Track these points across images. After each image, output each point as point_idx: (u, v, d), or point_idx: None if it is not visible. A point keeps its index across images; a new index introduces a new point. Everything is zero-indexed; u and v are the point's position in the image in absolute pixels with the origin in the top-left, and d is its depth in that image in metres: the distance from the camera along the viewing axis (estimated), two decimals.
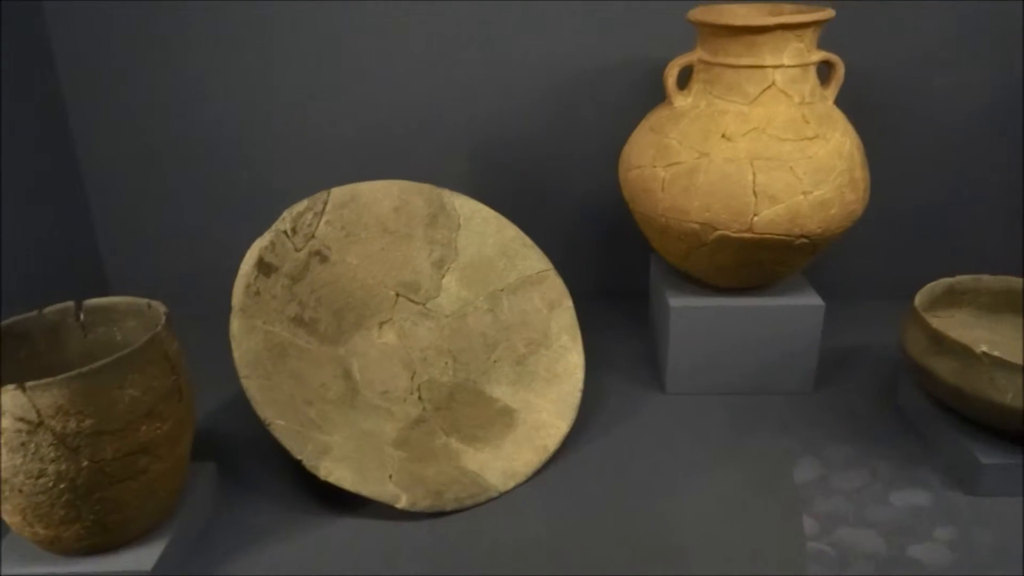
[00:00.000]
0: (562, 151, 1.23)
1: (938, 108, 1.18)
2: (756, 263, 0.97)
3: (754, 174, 0.90)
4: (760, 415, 1.02)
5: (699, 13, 0.95)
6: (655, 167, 0.97)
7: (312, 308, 0.98)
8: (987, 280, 1.01)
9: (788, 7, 1.00)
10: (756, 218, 0.91)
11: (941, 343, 0.86)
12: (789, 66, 0.92)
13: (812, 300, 1.02)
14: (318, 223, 1.00)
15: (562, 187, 1.26)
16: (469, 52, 1.18)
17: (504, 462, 0.93)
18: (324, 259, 1.00)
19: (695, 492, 0.89)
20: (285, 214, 0.97)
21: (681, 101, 0.98)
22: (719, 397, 1.05)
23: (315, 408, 0.91)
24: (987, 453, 0.86)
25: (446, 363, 1.05)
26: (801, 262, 0.99)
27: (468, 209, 1.07)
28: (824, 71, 0.98)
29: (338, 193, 1.01)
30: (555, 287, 1.05)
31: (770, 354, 1.04)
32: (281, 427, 0.84)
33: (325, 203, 1.00)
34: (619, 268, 1.29)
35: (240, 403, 0.91)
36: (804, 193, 0.90)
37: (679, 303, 1.03)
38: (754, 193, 0.90)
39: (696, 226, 0.94)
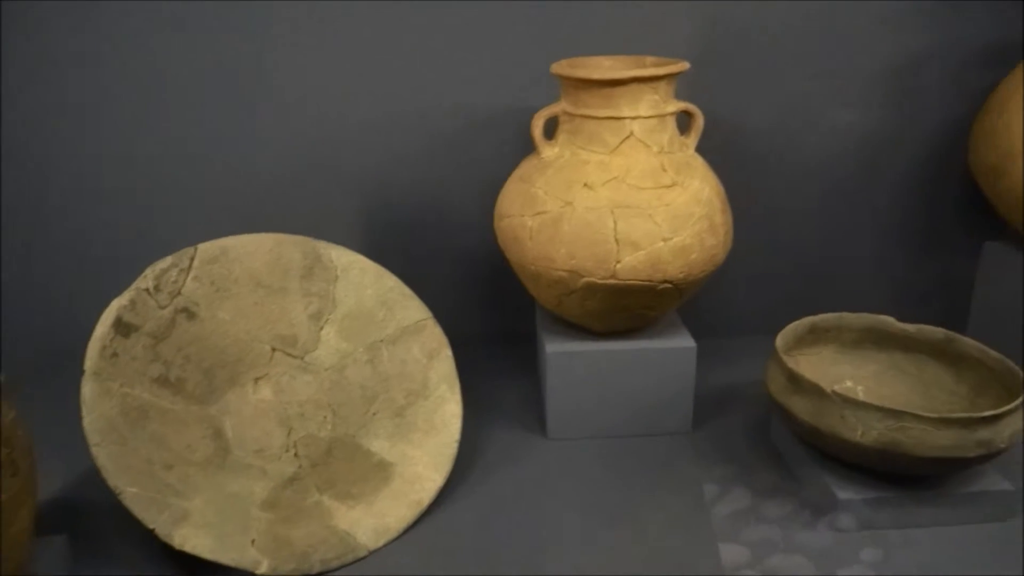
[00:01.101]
0: (448, 200, 1.24)
1: (809, 151, 1.23)
2: (624, 308, 0.98)
3: (615, 222, 0.92)
4: (640, 457, 1.03)
5: (560, 67, 0.97)
6: (523, 216, 0.98)
7: (179, 367, 0.96)
8: (849, 317, 1.04)
9: (651, 60, 1.03)
10: (619, 265, 0.93)
11: (797, 382, 0.89)
12: (646, 117, 0.94)
13: (685, 342, 1.04)
14: (184, 279, 0.97)
15: (451, 235, 1.27)
16: (349, 105, 1.18)
17: (376, 519, 0.91)
18: (192, 316, 0.98)
19: (575, 538, 0.89)
20: (147, 271, 0.95)
21: (548, 151, 1.00)
22: (600, 440, 1.06)
23: (176, 472, 0.88)
24: (844, 488, 0.88)
25: (325, 417, 1.03)
26: (670, 305, 1.01)
27: (345, 260, 1.06)
28: (685, 120, 1.02)
29: (206, 248, 0.99)
30: (434, 336, 1.05)
31: (648, 396, 1.05)
32: (133, 495, 0.81)
33: (192, 259, 0.98)
34: (512, 312, 1.29)
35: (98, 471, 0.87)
36: (664, 239, 0.92)
37: (555, 348, 1.04)
38: (616, 240, 0.92)
39: (564, 274, 0.95)
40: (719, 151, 1.16)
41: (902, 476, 0.88)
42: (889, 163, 1.25)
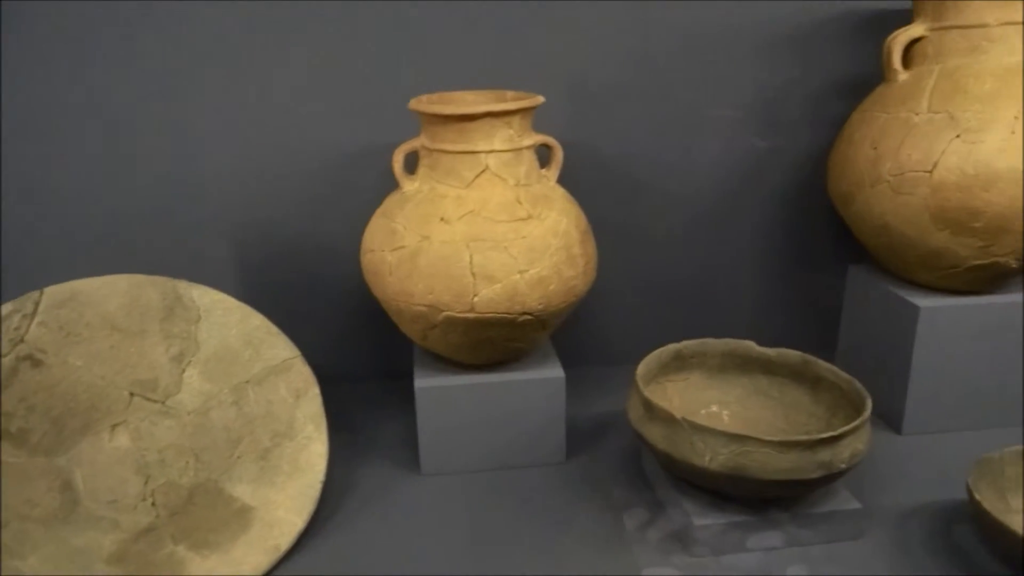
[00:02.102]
0: (324, 235, 1.23)
1: (678, 180, 1.26)
2: (488, 341, 0.98)
3: (471, 255, 0.92)
4: (512, 490, 1.02)
5: (416, 102, 0.98)
6: (384, 251, 0.97)
7: (22, 418, 0.92)
8: (712, 343, 1.06)
9: (511, 94, 1.05)
10: (476, 298, 0.93)
11: (652, 410, 0.90)
12: (501, 151, 0.95)
13: (554, 372, 1.04)
14: (28, 325, 0.94)
15: (329, 270, 1.25)
16: (216, 142, 1.16)
17: (231, 567, 0.88)
18: (38, 363, 0.94)
19: (439, 573, 0.87)
20: None
21: (409, 185, 1.00)
22: (473, 475, 1.05)
23: (11, 529, 0.84)
24: (701, 514, 0.89)
25: (187, 463, 1.00)
26: (537, 336, 1.01)
27: (208, 300, 1.04)
28: (546, 153, 1.03)
29: (53, 292, 0.96)
30: (302, 375, 1.03)
31: (520, 427, 1.05)
32: None
33: (37, 304, 0.95)
34: (392, 348, 1.28)
35: None
36: (520, 272, 0.93)
37: (425, 383, 1.03)
38: (472, 274, 0.92)
39: (423, 308, 0.95)
40: (587, 182, 1.19)
41: (756, 499, 0.89)
42: (757, 190, 1.29)
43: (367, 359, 1.29)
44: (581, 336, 1.28)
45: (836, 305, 1.28)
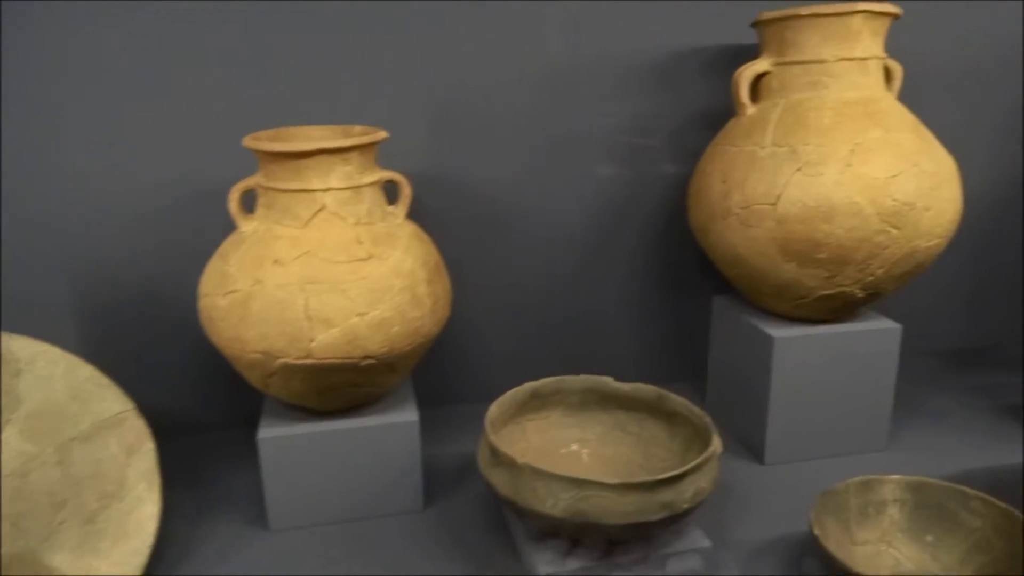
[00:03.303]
0: (173, 277, 1.16)
1: (543, 215, 1.25)
2: (332, 387, 0.94)
3: (307, 299, 0.88)
4: (368, 544, 0.97)
5: (250, 139, 0.93)
6: (216, 295, 0.92)
7: None
8: (569, 380, 1.04)
9: (359, 129, 1.01)
10: (313, 343, 0.88)
11: (497, 455, 0.87)
12: (339, 189, 0.92)
13: (407, 415, 1.01)
14: None
15: (180, 312, 1.18)
16: (49, 183, 1.09)
17: None
18: None
19: None
20: None
21: (246, 226, 0.95)
22: (327, 528, 1.00)
23: None
24: (550, 563, 0.86)
25: (2, 531, 0.91)
26: (384, 380, 0.97)
27: (30, 351, 0.96)
28: (395, 189, 1.00)
29: None
30: (135, 429, 0.96)
31: (374, 476, 1.00)
32: None
33: None
34: (246, 395, 1.22)
35: None
36: (360, 315, 0.89)
37: (269, 433, 0.97)
38: (308, 318, 0.88)
39: (258, 356, 0.90)
40: (447, 216, 1.16)
41: (605, 543, 0.87)
42: (622, 222, 1.28)
43: (219, 407, 1.22)
44: (447, 374, 1.24)
45: (705, 335, 1.28)
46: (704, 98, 1.26)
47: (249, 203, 0.97)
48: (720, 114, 1.22)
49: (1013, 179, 1.42)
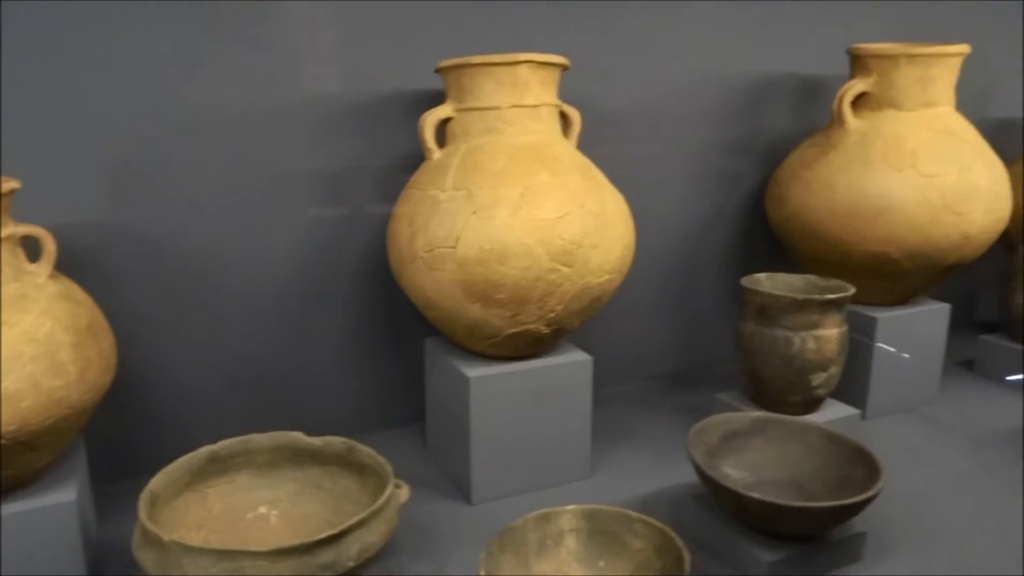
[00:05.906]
0: None
1: (244, 271, 1.20)
2: None
3: None
4: None
5: None
6: None
7: None
8: (257, 439, 0.99)
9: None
10: None
11: (145, 533, 0.79)
12: None
13: (63, 496, 0.90)
14: None
15: None
16: None
17: None
18: None
19: None
20: None
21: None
22: None
23: None
24: None
25: None
26: (27, 461, 0.87)
27: None
28: (37, 246, 0.90)
29: None
30: None
31: (31, 567, 0.88)
32: None
33: None
34: None
35: None
36: None
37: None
38: None
39: None
40: (128, 272, 1.09)
41: None
42: (335, 266, 1.26)
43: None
44: (135, 443, 1.14)
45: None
46: (412, 139, 1.27)
47: None
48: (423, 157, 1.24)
49: (708, 209, 1.54)
